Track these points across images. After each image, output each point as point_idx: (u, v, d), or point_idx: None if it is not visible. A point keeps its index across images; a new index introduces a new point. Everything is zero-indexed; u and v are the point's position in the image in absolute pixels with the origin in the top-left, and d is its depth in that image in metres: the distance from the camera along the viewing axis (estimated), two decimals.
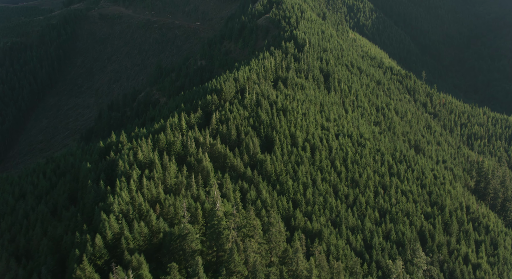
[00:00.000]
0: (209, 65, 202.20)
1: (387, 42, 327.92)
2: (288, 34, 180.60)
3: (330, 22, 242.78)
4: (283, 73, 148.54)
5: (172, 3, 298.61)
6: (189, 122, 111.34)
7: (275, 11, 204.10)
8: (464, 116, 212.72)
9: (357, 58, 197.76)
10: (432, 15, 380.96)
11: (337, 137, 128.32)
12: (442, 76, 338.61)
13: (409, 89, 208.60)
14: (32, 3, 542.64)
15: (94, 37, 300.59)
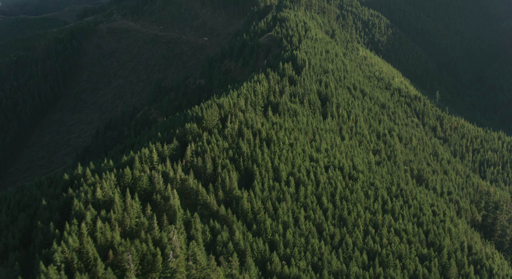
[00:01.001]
0: (208, 85, 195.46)
1: (402, 59, 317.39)
2: (288, 54, 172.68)
3: (339, 39, 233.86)
4: (276, 98, 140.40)
5: (181, 17, 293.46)
6: (162, 154, 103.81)
7: (278, 29, 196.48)
8: (476, 141, 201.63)
9: (361, 79, 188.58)
10: (451, 31, 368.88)
11: (327, 170, 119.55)
12: (460, 95, 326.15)
13: (417, 113, 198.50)
14: (51, 15, 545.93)
15: (101, 51, 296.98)
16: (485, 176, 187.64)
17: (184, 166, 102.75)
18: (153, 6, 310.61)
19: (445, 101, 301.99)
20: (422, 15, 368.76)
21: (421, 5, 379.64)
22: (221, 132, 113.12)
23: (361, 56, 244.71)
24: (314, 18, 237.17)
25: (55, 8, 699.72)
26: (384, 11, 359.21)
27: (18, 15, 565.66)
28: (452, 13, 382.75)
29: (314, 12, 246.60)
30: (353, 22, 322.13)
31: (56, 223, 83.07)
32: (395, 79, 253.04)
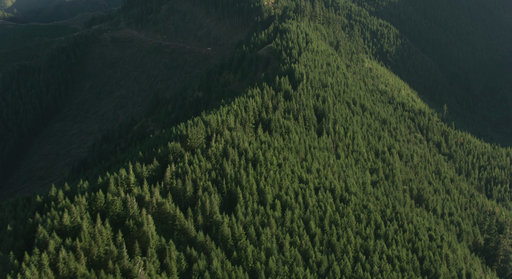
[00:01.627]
0: (206, 97, 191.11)
1: (411, 70, 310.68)
2: (286, 68, 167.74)
3: (343, 51, 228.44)
4: (268, 115, 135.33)
5: (185, 27, 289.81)
6: (140, 176, 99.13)
7: (278, 41, 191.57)
8: (483, 157, 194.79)
9: (363, 94, 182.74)
10: (463, 42, 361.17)
11: (317, 192, 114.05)
12: (471, 107, 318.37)
13: (421, 128, 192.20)
14: (62, 22, 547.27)
15: (104, 61, 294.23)
16: (491, 195, 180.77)
17: (163, 188, 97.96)
18: (158, 15, 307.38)
19: (454, 113, 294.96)
20: (433, 25, 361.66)
21: (433, 15, 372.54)
22: (204, 152, 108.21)
23: (367, 68, 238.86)
24: (318, 29, 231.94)
25: (69, 15, 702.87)
26: (394, 21, 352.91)
27: (29, 23, 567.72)
28: (464, 23, 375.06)
29: (318, 22, 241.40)
30: (361, 32, 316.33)
31: (18, 251, 78.67)
32: (401, 91, 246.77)
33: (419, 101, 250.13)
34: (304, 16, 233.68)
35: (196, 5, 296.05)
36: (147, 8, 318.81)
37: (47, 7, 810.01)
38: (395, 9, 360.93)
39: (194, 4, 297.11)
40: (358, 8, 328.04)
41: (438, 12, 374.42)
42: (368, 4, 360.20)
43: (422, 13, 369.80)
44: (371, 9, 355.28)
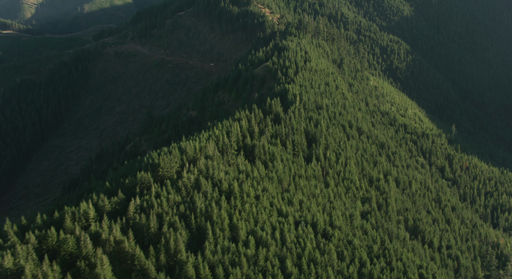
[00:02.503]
0: (199, 117, 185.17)
1: (422, 87, 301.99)
2: (279, 88, 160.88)
3: (347, 69, 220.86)
4: (253, 140, 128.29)
5: (188, 42, 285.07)
6: (102, 209, 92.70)
7: (275, 59, 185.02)
8: (490, 183, 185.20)
9: (361, 115, 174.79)
10: (477, 58, 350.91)
11: (297, 226, 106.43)
12: (484, 125, 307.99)
13: (424, 151, 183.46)
14: (75, 34, 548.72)
15: (107, 75, 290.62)
16: (497, 223, 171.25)
17: (125, 224, 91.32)
18: (162, 29, 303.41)
19: (466, 133, 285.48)
20: (446, 40, 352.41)
21: (446, 30, 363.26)
22: (174, 183, 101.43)
23: (371, 86, 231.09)
24: (321, 46, 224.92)
25: (86, 26, 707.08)
26: (406, 36, 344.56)
27: (44, 34, 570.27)
28: (479, 38, 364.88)
29: (322, 39, 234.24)
30: (370, 48, 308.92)
31: None
32: (408, 110, 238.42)
33: (427, 121, 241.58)
34: (307, 33, 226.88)
35: (201, 19, 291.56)
36: (151, 22, 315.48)
37: (65, 18, 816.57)
38: (407, 24, 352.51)
39: (199, 19, 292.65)
40: (368, 23, 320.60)
41: (452, 27, 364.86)
42: (379, 19, 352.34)
43: (435, 28, 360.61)
44: (382, 24, 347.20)
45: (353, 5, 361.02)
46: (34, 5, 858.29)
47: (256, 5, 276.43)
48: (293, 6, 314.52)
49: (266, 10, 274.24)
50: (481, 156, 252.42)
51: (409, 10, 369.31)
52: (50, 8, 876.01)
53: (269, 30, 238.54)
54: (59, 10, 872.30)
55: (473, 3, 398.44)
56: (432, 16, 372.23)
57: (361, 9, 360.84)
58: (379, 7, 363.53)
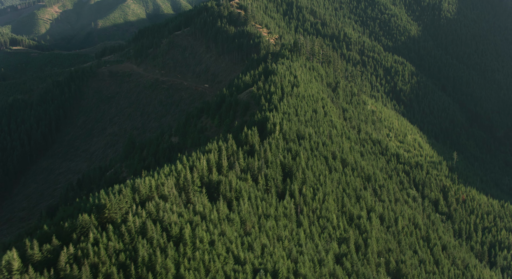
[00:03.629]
0: (181, 143, 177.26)
1: (427, 110, 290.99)
2: (260, 116, 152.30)
3: (342, 93, 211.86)
4: (220, 175, 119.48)
5: (184, 62, 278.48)
6: (31, 259, 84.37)
7: (260, 84, 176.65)
8: (488, 218, 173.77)
9: (349, 145, 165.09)
10: (487, 80, 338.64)
11: (255, 275, 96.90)
12: (492, 150, 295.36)
13: (417, 183, 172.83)
14: (83, 51, 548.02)
15: (100, 95, 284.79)
16: (495, 262, 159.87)
17: (54, 276, 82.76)
18: (158, 49, 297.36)
19: (472, 158, 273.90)
20: (454, 61, 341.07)
21: (455, 50, 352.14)
22: (117, 228, 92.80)
23: (369, 111, 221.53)
24: (315, 68, 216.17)
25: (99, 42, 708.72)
26: (413, 57, 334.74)
27: (53, 50, 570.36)
28: (489, 59, 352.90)
29: (317, 61, 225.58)
30: (373, 69, 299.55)
31: None
32: (407, 136, 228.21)
33: (427, 147, 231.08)
34: (301, 55, 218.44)
35: (197, 39, 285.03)
36: (148, 41, 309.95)
37: (79, 34, 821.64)
38: (414, 44, 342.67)
39: (196, 39, 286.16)
40: (372, 44, 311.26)
41: (461, 47, 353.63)
42: (385, 38, 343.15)
43: (443, 49, 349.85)
44: (388, 43, 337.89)
45: (358, 25, 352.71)
46: (49, 20, 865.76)
47: (254, 25, 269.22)
48: (294, 25, 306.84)
49: (263, 30, 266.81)
50: (486, 184, 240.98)
51: (416, 30, 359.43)
52: (65, 23, 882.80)
53: (263, 52, 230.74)
54: (73, 25, 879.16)
55: (484, 23, 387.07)
56: (441, 36, 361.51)
57: (366, 28, 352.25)
58: (385, 26, 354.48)
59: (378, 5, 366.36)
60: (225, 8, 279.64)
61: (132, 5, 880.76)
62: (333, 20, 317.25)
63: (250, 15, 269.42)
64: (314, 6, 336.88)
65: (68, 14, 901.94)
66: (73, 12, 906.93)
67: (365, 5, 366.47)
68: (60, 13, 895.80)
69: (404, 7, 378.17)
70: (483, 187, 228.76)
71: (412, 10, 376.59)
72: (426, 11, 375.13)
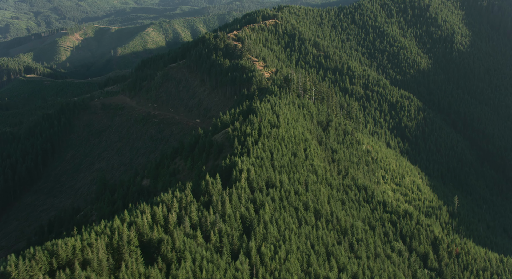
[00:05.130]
0: (152, 186, 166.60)
1: (433, 148, 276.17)
2: (228, 162, 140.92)
3: (333, 132, 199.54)
4: (166, 233, 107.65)
5: (177, 95, 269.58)
6: None
7: (237, 124, 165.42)
8: (485, 274, 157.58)
9: (328, 193, 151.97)
10: (500, 116, 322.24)
11: None
12: (503, 192, 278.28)
13: (404, 235, 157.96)
14: (95, 79, 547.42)
15: (91, 129, 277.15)
16: None
17: None
18: (152, 81, 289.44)
19: (481, 200, 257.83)
20: (466, 96, 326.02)
21: (467, 85, 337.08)
22: None
23: (363, 151, 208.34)
24: (305, 106, 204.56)
25: (118, 69, 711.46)
26: (422, 91, 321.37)
27: (66, 79, 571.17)
28: (504, 94, 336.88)
29: (308, 98, 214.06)
30: (378, 104, 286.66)
31: None
32: (405, 178, 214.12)
33: (427, 190, 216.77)
34: (291, 91, 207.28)
35: (192, 72, 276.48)
36: (143, 73, 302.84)
37: (98, 61, 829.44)
38: (423, 78, 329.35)
39: (191, 72, 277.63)
40: (377, 77, 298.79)
41: (473, 82, 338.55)
42: (393, 71, 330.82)
43: (455, 83, 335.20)
44: (396, 77, 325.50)
45: (365, 57, 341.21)
46: (70, 48, 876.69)
47: (250, 58, 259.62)
48: (296, 58, 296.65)
49: (259, 64, 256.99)
50: (492, 230, 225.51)
51: (427, 63, 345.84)
52: (85, 51, 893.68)
53: (254, 87, 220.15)
54: (94, 53, 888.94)
55: (500, 56, 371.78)
56: (452, 69, 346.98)
57: (374, 61, 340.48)
58: (394, 59, 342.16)
59: (387, 37, 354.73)
60: (222, 40, 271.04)
61: (152, 33, 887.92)
62: (336, 53, 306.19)
63: (246, 48, 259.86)
64: (318, 38, 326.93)
65: (89, 42, 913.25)
66: (94, 40, 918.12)
67: (373, 37, 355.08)
68: (81, 41, 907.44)
69: (414, 39, 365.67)
70: (487, 234, 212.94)
71: (423, 42, 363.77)
72: (437, 44, 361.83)
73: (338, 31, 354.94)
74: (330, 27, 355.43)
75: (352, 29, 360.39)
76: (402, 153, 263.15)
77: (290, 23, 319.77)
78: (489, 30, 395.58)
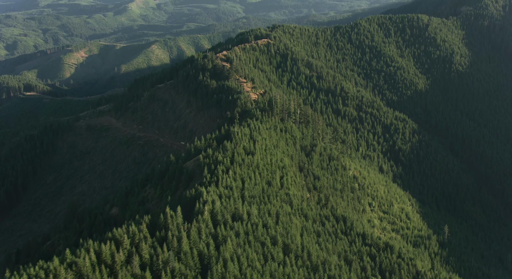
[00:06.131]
0: (120, 215, 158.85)
1: (427, 172, 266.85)
2: (193, 192, 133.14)
3: (317, 157, 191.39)
4: (107, 275, 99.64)
5: (163, 117, 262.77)
6: None
7: (210, 151, 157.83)
8: None
9: (302, 225, 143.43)
10: (500, 139, 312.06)
11: None
12: (501, 218, 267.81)
13: (383, 269, 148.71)
14: (94, 97, 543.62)
15: (75, 151, 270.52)
16: None
17: None
18: (138, 102, 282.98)
19: (477, 227, 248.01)
20: (464, 118, 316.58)
21: (465, 106, 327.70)
22: None
23: (349, 177, 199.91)
24: (288, 130, 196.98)
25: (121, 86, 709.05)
26: (419, 112, 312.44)
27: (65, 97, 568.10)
28: (504, 116, 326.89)
29: (293, 122, 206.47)
30: (371, 126, 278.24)
31: None
32: (393, 206, 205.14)
33: (417, 218, 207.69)
34: (274, 115, 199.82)
35: (179, 93, 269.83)
36: (130, 93, 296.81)
37: (102, 78, 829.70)
38: (421, 99, 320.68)
39: (178, 92, 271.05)
40: (371, 98, 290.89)
41: (472, 103, 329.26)
42: (390, 92, 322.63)
43: (453, 104, 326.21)
44: (393, 97, 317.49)
45: (361, 77, 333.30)
46: (75, 65, 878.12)
47: (238, 79, 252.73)
48: (287, 79, 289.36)
49: (247, 85, 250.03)
50: (487, 259, 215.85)
51: (424, 83, 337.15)
52: (89, 68, 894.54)
53: (238, 110, 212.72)
54: (98, 70, 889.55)
55: (500, 76, 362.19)
56: (451, 90, 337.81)
57: (370, 81, 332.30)
58: (390, 79, 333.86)
59: (384, 57, 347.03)
60: (210, 60, 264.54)
61: (156, 50, 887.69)
62: (330, 73, 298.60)
63: (234, 68, 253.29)
64: (312, 58, 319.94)
65: (93, 59, 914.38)
66: (99, 57, 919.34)
67: (370, 57, 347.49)
68: (86, 58, 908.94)
69: (412, 59, 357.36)
70: (480, 265, 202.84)
71: (421, 63, 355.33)
72: (436, 64, 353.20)
73: (334, 51, 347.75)
74: (326, 47, 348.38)
75: (348, 48, 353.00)
76: (395, 177, 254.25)
77: (283, 43, 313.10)
78: (490, 50, 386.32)
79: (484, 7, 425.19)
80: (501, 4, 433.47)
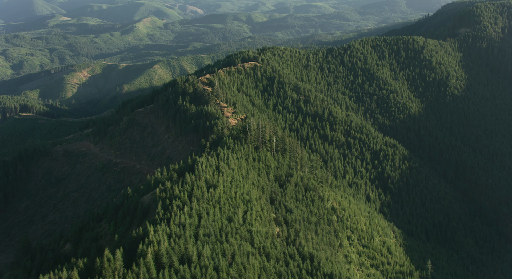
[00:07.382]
0: (72, 251, 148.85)
1: (417, 200, 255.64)
2: (139, 232, 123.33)
3: (291, 188, 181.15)
4: None
5: (141, 142, 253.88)
6: None
7: (168, 184, 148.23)
8: None
9: (259, 266, 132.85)
10: (496, 165, 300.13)
11: None
12: (495, 250, 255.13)
13: None
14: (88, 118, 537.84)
15: (50, 177, 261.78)
16: None
17: None
18: (117, 127, 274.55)
19: (469, 259, 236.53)
20: (459, 143, 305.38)
21: (460, 132, 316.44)
22: None
23: (327, 209, 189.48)
24: (262, 160, 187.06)
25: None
26: (411, 137, 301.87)
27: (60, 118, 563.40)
28: (500, 142, 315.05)
29: (268, 150, 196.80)
30: (360, 152, 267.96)
31: None
32: (374, 239, 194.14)
33: (399, 252, 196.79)
34: (247, 143, 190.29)
35: (159, 118, 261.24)
36: (109, 118, 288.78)
37: (104, 98, 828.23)
38: (414, 123, 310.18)
39: (157, 117, 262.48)
40: (360, 123, 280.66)
41: (467, 128, 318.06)
42: (382, 116, 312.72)
43: (447, 129, 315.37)
44: (385, 122, 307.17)
45: (352, 101, 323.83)
46: (77, 84, 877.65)
47: (219, 104, 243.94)
48: (273, 103, 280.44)
49: (228, 110, 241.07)
50: None
51: (418, 107, 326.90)
52: (92, 88, 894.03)
53: (213, 136, 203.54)
54: (100, 89, 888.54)
55: (498, 100, 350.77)
56: (446, 114, 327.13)
57: (362, 104, 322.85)
58: (383, 103, 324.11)
59: (377, 79, 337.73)
60: (191, 84, 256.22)
61: (159, 70, 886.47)
62: (318, 97, 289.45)
63: (215, 93, 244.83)
64: (301, 81, 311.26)
65: (96, 79, 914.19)
66: (101, 77, 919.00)
67: (362, 80, 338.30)
68: (89, 78, 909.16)
69: (406, 82, 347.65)
70: None
71: (416, 86, 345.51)
72: (431, 87, 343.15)
73: (325, 73, 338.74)
74: (317, 69, 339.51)
75: (340, 71, 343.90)
76: (383, 206, 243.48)
77: (271, 66, 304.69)
78: (488, 73, 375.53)
79: (483, 29, 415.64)
80: (500, 26, 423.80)
